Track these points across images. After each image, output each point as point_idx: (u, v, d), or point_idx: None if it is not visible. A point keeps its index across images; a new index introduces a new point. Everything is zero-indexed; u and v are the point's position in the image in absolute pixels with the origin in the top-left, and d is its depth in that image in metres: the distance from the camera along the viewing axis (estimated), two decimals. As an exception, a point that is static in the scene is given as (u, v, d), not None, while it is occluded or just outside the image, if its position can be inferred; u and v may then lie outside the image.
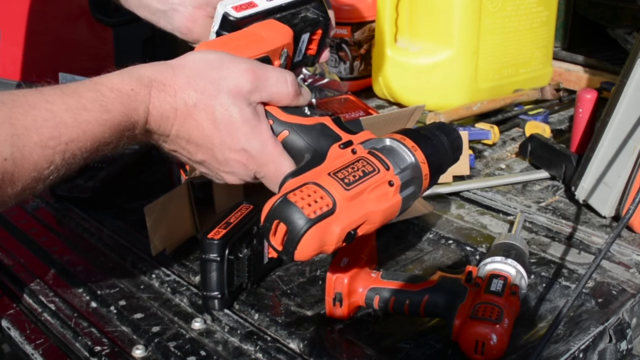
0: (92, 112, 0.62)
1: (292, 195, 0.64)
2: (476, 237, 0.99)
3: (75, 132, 0.61)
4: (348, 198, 0.65)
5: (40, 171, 0.60)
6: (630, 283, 0.87)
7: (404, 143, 0.72)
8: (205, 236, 0.81)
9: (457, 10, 1.39)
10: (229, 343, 0.79)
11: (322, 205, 0.63)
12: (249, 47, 0.75)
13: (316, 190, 0.64)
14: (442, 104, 1.39)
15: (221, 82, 0.68)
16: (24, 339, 0.84)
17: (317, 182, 0.65)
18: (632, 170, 0.96)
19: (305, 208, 0.63)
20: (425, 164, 0.72)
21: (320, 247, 0.65)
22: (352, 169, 0.67)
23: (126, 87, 0.65)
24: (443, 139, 0.76)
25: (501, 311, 0.73)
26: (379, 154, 0.70)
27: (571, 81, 1.63)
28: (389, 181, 0.69)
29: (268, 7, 0.78)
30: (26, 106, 0.59)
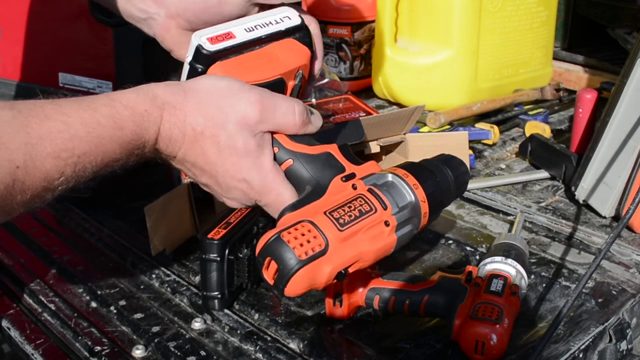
0: (106, 127, 0.63)
1: (285, 233, 0.64)
2: (476, 237, 0.99)
3: (88, 146, 0.62)
4: (341, 239, 0.66)
5: (50, 181, 0.61)
6: (630, 283, 0.87)
7: (406, 180, 0.72)
8: (205, 236, 0.81)
9: (457, 10, 1.39)
10: (229, 343, 0.79)
11: (314, 245, 0.64)
12: (264, 69, 0.74)
13: (310, 230, 0.64)
14: (442, 104, 1.39)
15: (229, 112, 0.69)
16: (24, 339, 0.84)
17: (312, 220, 0.65)
18: (632, 170, 0.96)
19: (297, 248, 0.63)
20: (425, 202, 0.72)
21: (311, 285, 0.66)
22: (349, 207, 0.67)
23: (140, 107, 0.66)
24: (448, 174, 0.76)
25: (501, 311, 0.73)
26: (378, 191, 0.70)
27: (571, 81, 1.63)
28: (385, 221, 0.69)
29: (246, 39, 0.74)
30: (42, 116, 0.60)
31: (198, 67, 0.73)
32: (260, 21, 0.76)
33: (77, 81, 1.39)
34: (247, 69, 0.74)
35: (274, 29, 0.76)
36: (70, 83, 1.39)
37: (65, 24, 1.38)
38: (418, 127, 1.32)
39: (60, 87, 1.39)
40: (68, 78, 1.39)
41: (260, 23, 0.76)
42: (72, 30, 1.38)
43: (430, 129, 1.32)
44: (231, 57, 0.74)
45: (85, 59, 1.38)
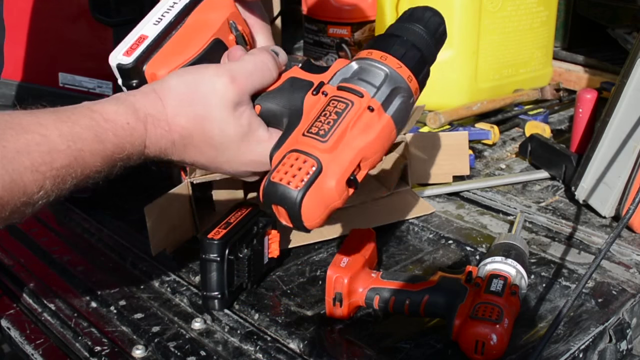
0: (86, 141, 0.61)
1: (275, 174, 0.62)
2: (476, 237, 0.99)
3: (67, 159, 0.60)
4: (330, 149, 0.62)
5: (30, 196, 0.59)
6: (630, 283, 0.87)
7: (371, 57, 0.67)
8: (205, 236, 0.81)
9: (457, 10, 1.39)
10: (229, 343, 0.79)
11: (306, 169, 0.61)
12: (193, 40, 0.72)
13: (297, 157, 0.62)
14: (442, 104, 1.39)
15: (208, 104, 0.67)
16: (24, 339, 0.84)
17: (295, 148, 0.63)
18: (632, 170, 0.96)
19: (291, 181, 0.61)
20: (402, 66, 0.66)
21: (326, 206, 0.63)
22: (325, 116, 0.64)
23: (122, 120, 0.64)
24: (414, 28, 0.70)
25: (501, 311, 0.73)
26: (349, 84, 0.66)
27: (571, 81, 1.63)
28: (367, 107, 0.64)
29: (160, 31, 0.72)
30: (19, 129, 0.58)
31: (132, 83, 0.71)
32: (165, 6, 0.73)
33: (77, 81, 1.39)
34: (178, 51, 0.71)
35: (181, 5, 0.73)
36: (70, 83, 1.39)
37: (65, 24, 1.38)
38: (418, 127, 1.32)
39: (60, 87, 1.39)
40: (68, 78, 1.39)
41: (166, 8, 0.73)
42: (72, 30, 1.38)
43: (430, 129, 1.32)
44: (155, 53, 0.71)
45: (85, 59, 1.38)
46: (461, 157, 1.11)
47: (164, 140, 0.67)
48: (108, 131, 0.63)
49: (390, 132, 0.66)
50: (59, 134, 0.60)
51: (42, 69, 1.39)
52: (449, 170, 1.12)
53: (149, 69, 0.71)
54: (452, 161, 1.11)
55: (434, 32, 0.71)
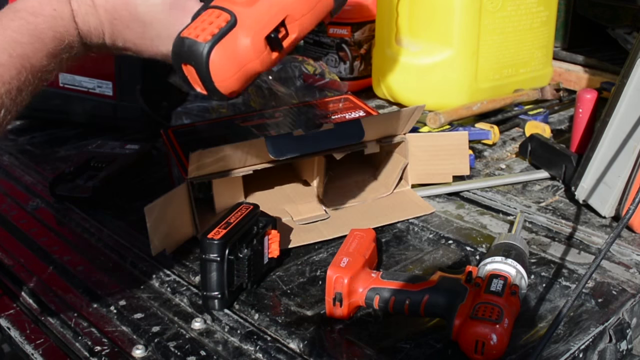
0: (24, 43, 0.59)
1: (185, 31, 0.58)
2: (476, 237, 0.99)
3: (15, 69, 0.58)
4: (246, 3, 0.58)
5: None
6: (630, 283, 0.87)
7: None
8: (205, 236, 0.81)
9: (457, 11, 1.39)
10: (229, 343, 0.79)
11: (218, 23, 0.57)
12: None
13: (211, 13, 0.58)
14: (442, 104, 1.39)
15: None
16: (24, 339, 0.84)
17: (214, 4, 0.58)
18: (632, 170, 0.96)
19: (200, 35, 0.56)
20: None
21: (240, 66, 0.57)
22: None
23: (47, 9, 0.61)
24: None
25: (501, 311, 0.73)
26: None
27: (571, 81, 1.63)
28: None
29: None
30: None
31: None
32: None
33: (77, 81, 1.39)
34: None
35: None
36: (70, 83, 1.39)
37: (65, 24, 1.38)
38: (418, 127, 1.32)
39: (60, 87, 1.39)
40: (68, 78, 1.39)
41: None
42: (72, 30, 1.38)
43: (430, 129, 1.32)
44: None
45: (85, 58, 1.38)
46: (461, 157, 1.11)
47: (92, 19, 0.64)
48: (40, 25, 0.60)
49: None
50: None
51: (42, 69, 1.39)
52: (449, 170, 1.12)
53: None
54: (452, 161, 1.11)
55: None
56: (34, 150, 1.32)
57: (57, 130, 1.42)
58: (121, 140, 1.28)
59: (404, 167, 1.09)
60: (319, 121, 1.24)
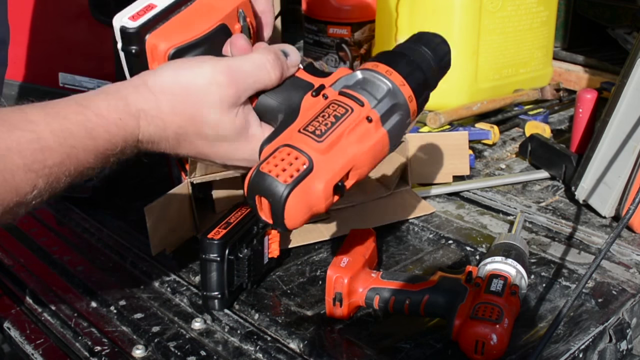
0: (78, 137, 0.60)
1: (264, 165, 0.61)
2: (476, 237, 0.99)
3: (60, 157, 0.59)
4: (324, 150, 0.61)
5: (22, 195, 0.57)
6: (630, 283, 0.87)
7: (377, 70, 0.66)
8: (205, 236, 0.81)
9: (457, 10, 1.39)
10: (229, 343, 0.79)
11: (297, 166, 0.60)
12: (200, 21, 0.70)
13: (289, 152, 0.61)
14: (442, 104, 1.39)
15: (203, 106, 0.66)
16: (24, 339, 0.84)
17: (288, 143, 0.61)
18: (632, 170, 0.96)
19: (280, 175, 0.59)
20: (405, 85, 0.66)
21: (310, 208, 0.61)
22: (323, 117, 0.63)
23: (113, 116, 0.62)
24: (422, 50, 0.69)
25: (501, 311, 0.73)
26: (351, 91, 0.65)
27: (571, 81, 1.63)
28: (366, 117, 0.63)
29: (168, 3, 0.69)
30: (8, 125, 0.57)
31: (132, 49, 0.69)
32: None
33: (77, 81, 1.39)
34: (183, 27, 0.69)
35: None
36: (70, 83, 1.39)
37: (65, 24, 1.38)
38: (418, 127, 1.32)
39: (60, 87, 1.39)
40: (68, 78, 1.39)
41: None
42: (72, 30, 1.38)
43: (430, 129, 1.32)
44: (160, 24, 0.69)
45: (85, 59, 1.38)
46: (461, 157, 1.11)
47: (157, 136, 0.66)
48: (100, 127, 0.61)
49: (384, 147, 0.66)
50: (50, 130, 0.58)
51: (42, 69, 1.39)
52: (449, 170, 1.12)
53: (151, 39, 0.69)
54: (452, 161, 1.11)
55: (440, 59, 0.70)
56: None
57: (57, 130, 1.42)
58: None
59: (404, 167, 1.09)
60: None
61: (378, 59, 0.69)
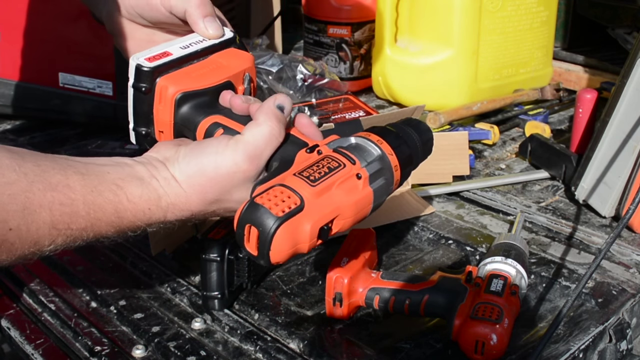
0: (106, 213, 0.64)
1: (259, 198, 0.64)
2: (476, 237, 0.99)
3: (84, 224, 0.62)
4: (315, 194, 0.65)
5: (40, 247, 0.60)
6: (630, 283, 0.87)
7: (369, 138, 0.72)
8: (205, 236, 0.81)
9: (457, 10, 1.39)
10: (229, 343, 0.80)
11: (290, 203, 0.64)
12: (211, 75, 0.76)
13: (283, 191, 0.64)
14: (442, 104, 1.39)
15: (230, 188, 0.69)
16: (24, 339, 0.84)
17: (283, 183, 0.65)
18: (632, 170, 0.96)
19: (273, 208, 0.63)
20: (393, 155, 0.71)
21: (294, 245, 0.65)
22: (318, 166, 0.67)
23: (143, 205, 0.66)
24: (410, 131, 0.76)
25: (501, 311, 0.73)
26: (345, 150, 0.70)
27: (571, 81, 1.63)
28: (356, 174, 0.68)
29: (183, 54, 0.76)
30: (47, 184, 0.60)
31: (142, 87, 0.74)
32: (195, 38, 0.78)
33: (77, 81, 1.39)
34: (194, 77, 0.75)
35: (209, 43, 0.78)
36: (70, 83, 1.39)
37: (65, 24, 1.38)
38: (418, 127, 1.32)
39: (60, 87, 1.39)
40: (68, 78, 1.39)
41: (195, 41, 0.78)
42: (72, 30, 1.38)
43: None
44: (172, 70, 0.75)
45: (85, 59, 1.38)
46: (461, 157, 1.11)
47: (183, 220, 0.70)
48: (128, 211, 0.65)
49: (368, 204, 0.70)
50: (84, 200, 0.62)
51: (42, 69, 1.39)
52: (449, 170, 1.12)
53: (162, 81, 0.74)
54: (452, 161, 1.11)
55: (424, 143, 0.77)
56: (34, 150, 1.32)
57: (57, 130, 1.42)
58: (121, 140, 1.28)
59: (404, 167, 1.09)
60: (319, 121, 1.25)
61: (370, 130, 0.74)
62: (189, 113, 0.74)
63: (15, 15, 1.38)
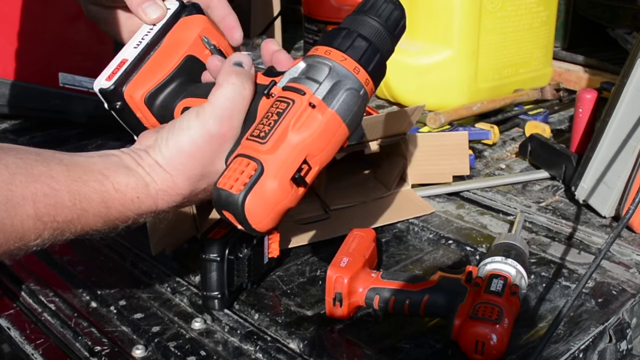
0: (93, 203, 0.62)
1: (220, 180, 0.63)
2: (476, 237, 0.99)
3: (70, 215, 0.61)
4: (269, 150, 0.63)
5: (26, 242, 0.59)
6: (630, 283, 0.87)
7: (316, 54, 0.67)
8: (205, 236, 0.81)
9: (457, 10, 1.39)
10: (229, 343, 0.80)
11: (249, 172, 0.62)
12: (167, 59, 0.74)
13: (241, 161, 0.63)
14: (442, 104, 1.39)
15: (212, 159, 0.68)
16: (24, 339, 0.84)
17: (240, 152, 0.64)
18: (632, 170, 0.96)
19: (234, 186, 0.62)
20: (347, 59, 0.65)
21: (273, 207, 0.63)
22: (267, 118, 0.64)
23: (131, 194, 0.65)
24: (368, 19, 0.68)
25: (501, 311, 0.73)
26: (293, 84, 0.66)
27: (571, 81, 1.63)
28: (308, 104, 0.64)
29: (137, 54, 0.74)
30: (29, 175, 0.58)
31: (116, 105, 0.73)
32: (144, 31, 0.76)
33: (77, 81, 1.39)
34: (152, 72, 0.73)
35: (158, 28, 0.75)
36: (70, 83, 1.39)
37: (65, 24, 1.38)
38: (418, 127, 1.32)
39: (60, 87, 1.39)
40: (68, 78, 1.39)
41: (145, 32, 0.75)
42: (72, 30, 1.38)
43: (430, 129, 1.32)
44: (134, 75, 0.73)
45: (85, 59, 1.38)
46: (461, 157, 1.11)
47: (174, 206, 0.69)
48: (116, 200, 0.64)
49: (337, 127, 0.65)
50: (68, 190, 0.60)
51: (42, 68, 1.39)
52: (449, 170, 1.12)
53: (127, 92, 0.73)
54: (452, 161, 1.11)
55: (387, 21, 0.69)
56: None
57: (57, 130, 1.42)
58: (121, 140, 1.28)
59: (403, 167, 1.09)
60: None
61: (319, 42, 0.69)
62: (162, 108, 0.73)
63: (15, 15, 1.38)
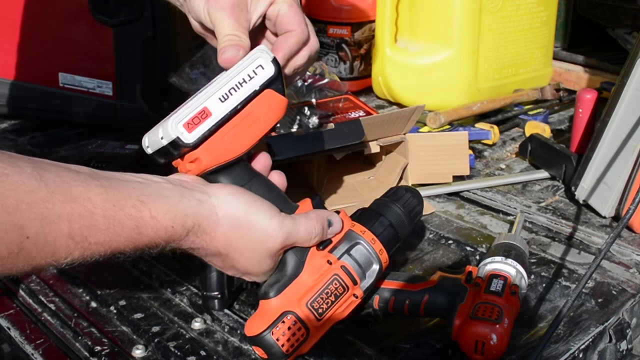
0: (126, 228, 0.63)
1: (275, 330, 0.70)
2: (476, 237, 0.99)
3: (103, 238, 0.62)
4: (320, 326, 0.73)
5: (57, 259, 0.60)
6: (630, 283, 0.87)
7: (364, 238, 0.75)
8: (206, 236, 0.81)
9: (457, 10, 1.39)
10: (229, 343, 0.79)
11: (298, 336, 0.71)
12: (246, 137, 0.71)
13: (295, 322, 0.71)
14: (442, 104, 1.39)
15: (256, 246, 0.70)
16: (24, 339, 0.84)
17: (295, 312, 0.71)
18: (632, 170, 0.96)
19: (285, 344, 0.70)
20: (384, 252, 0.76)
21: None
22: (326, 294, 0.73)
23: (166, 222, 0.65)
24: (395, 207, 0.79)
25: (501, 311, 0.73)
26: (350, 267, 0.74)
27: (571, 81, 1.63)
28: (353, 294, 0.74)
29: (223, 115, 0.68)
30: (67, 195, 0.59)
31: (174, 152, 0.69)
32: (234, 81, 0.69)
33: (77, 81, 1.39)
34: (227, 143, 0.69)
35: (249, 89, 0.70)
36: (70, 83, 1.39)
37: (65, 24, 1.38)
38: (418, 127, 1.32)
39: (60, 87, 1.39)
40: (68, 78, 1.39)
41: (234, 85, 0.69)
42: (72, 30, 1.38)
43: (430, 129, 1.32)
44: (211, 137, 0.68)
45: (85, 59, 1.38)
46: (461, 157, 1.11)
47: (199, 249, 0.69)
48: (149, 227, 0.64)
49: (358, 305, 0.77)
50: (104, 214, 0.61)
51: (42, 68, 1.39)
52: (449, 170, 1.12)
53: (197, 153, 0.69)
54: (452, 161, 1.11)
55: (410, 211, 0.80)
56: (34, 150, 1.32)
57: (57, 130, 1.42)
58: (121, 140, 1.28)
59: (404, 167, 1.09)
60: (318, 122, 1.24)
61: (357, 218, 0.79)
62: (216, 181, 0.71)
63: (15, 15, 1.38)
